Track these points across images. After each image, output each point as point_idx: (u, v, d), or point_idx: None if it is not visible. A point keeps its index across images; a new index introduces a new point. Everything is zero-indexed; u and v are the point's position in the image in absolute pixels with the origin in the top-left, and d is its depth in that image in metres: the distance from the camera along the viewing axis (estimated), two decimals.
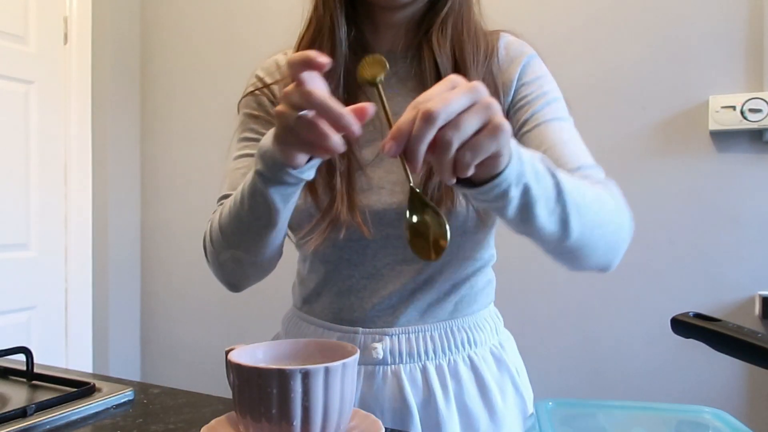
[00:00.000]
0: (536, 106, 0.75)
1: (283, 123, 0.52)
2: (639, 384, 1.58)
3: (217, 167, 2.14)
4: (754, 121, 1.43)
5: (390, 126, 0.47)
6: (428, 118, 0.43)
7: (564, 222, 0.59)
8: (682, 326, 0.51)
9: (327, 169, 0.74)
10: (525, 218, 0.56)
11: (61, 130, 2.15)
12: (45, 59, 2.10)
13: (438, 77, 0.74)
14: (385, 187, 0.74)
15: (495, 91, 0.76)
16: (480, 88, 0.46)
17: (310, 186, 0.75)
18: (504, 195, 0.52)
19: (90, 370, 2.23)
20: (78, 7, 2.18)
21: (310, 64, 0.49)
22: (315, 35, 0.77)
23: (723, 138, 1.51)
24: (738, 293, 1.49)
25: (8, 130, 1.98)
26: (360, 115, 0.51)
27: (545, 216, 0.57)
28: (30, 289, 2.06)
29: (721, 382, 1.50)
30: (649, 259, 1.57)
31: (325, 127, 0.49)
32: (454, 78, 0.47)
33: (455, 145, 0.45)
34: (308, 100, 0.49)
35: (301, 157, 0.57)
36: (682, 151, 1.55)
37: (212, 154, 2.22)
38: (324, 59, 0.49)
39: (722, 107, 1.47)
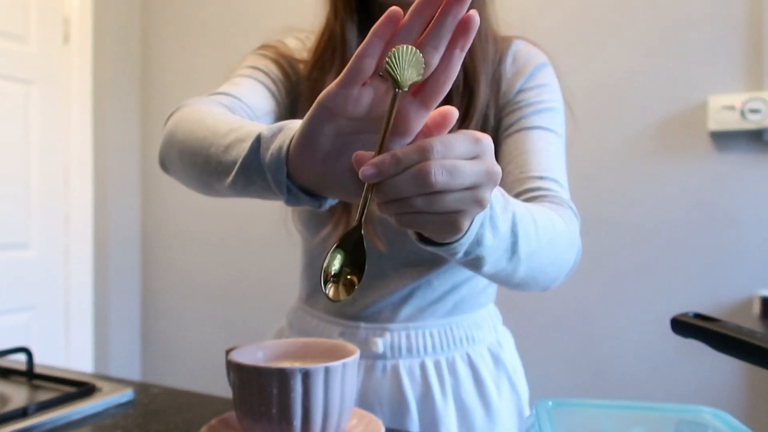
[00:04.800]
0: (526, 112, 0.73)
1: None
2: (639, 384, 1.58)
3: None
4: (754, 121, 1.43)
5: (383, 139, 0.40)
6: (425, 183, 0.38)
7: (510, 275, 0.55)
8: (682, 326, 0.51)
9: None
10: (469, 267, 0.52)
11: (61, 130, 2.15)
12: (45, 59, 2.09)
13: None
14: None
15: (496, 101, 0.75)
16: (496, 172, 0.41)
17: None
18: (451, 255, 0.48)
19: (90, 370, 2.23)
20: (78, 7, 2.18)
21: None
22: (327, 45, 0.76)
23: (722, 138, 1.50)
24: (737, 293, 1.49)
25: (8, 130, 1.98)
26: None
27: (492, 271, 0.53)
28: (30, 289, 2.06)
29: (720, 382, 1.50)
30: (649, 259, 1.57)
31: None
32: (486, 143, 0.41)
33: (415, 209, 0.40)
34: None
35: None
36: (682, 151, 1.55)
37: None
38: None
39: (722, 107, 1.47)
